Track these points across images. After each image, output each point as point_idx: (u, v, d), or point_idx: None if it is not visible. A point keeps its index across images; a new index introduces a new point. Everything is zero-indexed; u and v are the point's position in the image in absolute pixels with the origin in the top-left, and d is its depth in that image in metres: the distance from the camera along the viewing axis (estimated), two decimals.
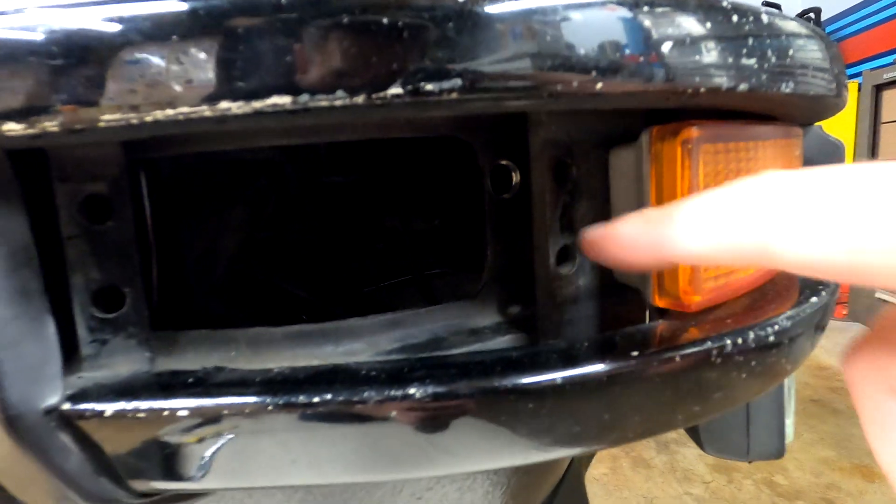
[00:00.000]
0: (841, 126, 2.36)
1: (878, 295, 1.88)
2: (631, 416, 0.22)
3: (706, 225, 0.16)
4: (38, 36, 0.17)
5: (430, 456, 0.21)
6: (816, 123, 0.45)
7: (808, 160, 0.45)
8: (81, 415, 0.20)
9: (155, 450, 0.21)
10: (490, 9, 0.18)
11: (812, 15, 2.73)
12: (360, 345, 0.28)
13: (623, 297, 0.30)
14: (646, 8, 0.19)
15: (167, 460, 0.20)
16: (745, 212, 0.15)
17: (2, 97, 0.17)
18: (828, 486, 1.42)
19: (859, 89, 2.21)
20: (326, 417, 0.20)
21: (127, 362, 0.26)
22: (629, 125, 0.28)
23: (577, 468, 0.64)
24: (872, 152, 2.09)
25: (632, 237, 0.18)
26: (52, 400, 0.20)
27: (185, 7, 0.17)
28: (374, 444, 0.20)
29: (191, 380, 0.22)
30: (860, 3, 2.75)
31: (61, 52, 0.17)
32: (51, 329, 0.21)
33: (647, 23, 0.19)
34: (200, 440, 0.20)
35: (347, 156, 0.59)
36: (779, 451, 0.48)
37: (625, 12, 0.19)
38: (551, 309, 0.28)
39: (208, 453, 0.20)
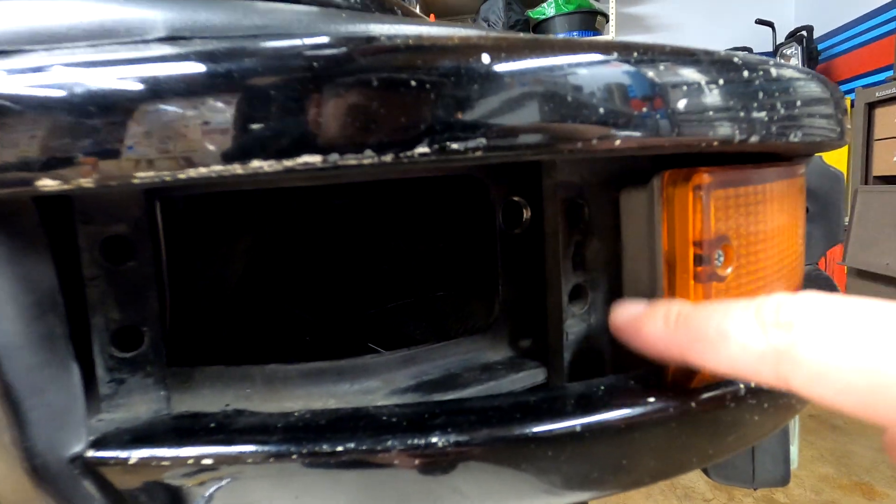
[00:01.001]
0: None
1: None
2: (647, 460, 0.22)
3: (726, 349, 0.16)
4: (75, 95, 0.18)
5: (451, 501, 0.21)
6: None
7: (810, 191, 0.46)
8: (105, 462, 0.20)
9: (177, 496, 0.21)
10: (511, 71, 0.18)
11: (804, 33, 2.77)
12: (376, 382, 0.28)
13: None
14: (662, 68, 0.20)
15: None
16: (767, 343, 0.16)
17: (39, 155, 0.17)
18: (828, 503, 1.41)
19: (852, 106, 2.24)
20: (348, 465, 0.20)
21: (144, 401, 0.26)
22: (639, 167, 0.29)
23: None
24: (866, 168, 2.11)
25: (655, 338, 0.19)
26: (76, 447, 0.20)
27: (218, 69, 0.17)
28: (395, 489, 0.20)
29: (212, 424, 0.22)
30: (852, 22, 2.80)
31: (98, 111, 0.17)
32: (76, 374, 0.21)
33: (663, 82, 0.19)
34: (221, 487, 0.21)
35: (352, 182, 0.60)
36: (784, 479, 0.48)
37: (642, 73, 0.19)
38: (563, 345, 0.29)
39: (230, 500, 0.20)
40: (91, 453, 0.20)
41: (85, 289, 0.25)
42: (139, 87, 0.17)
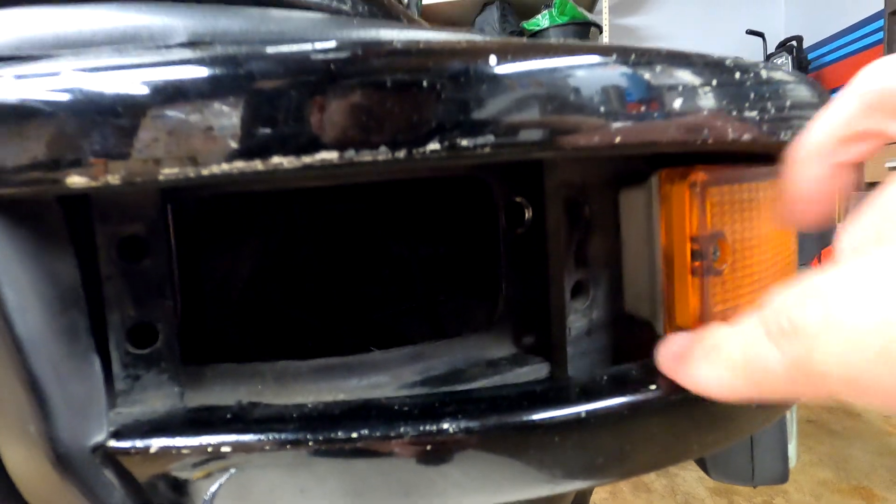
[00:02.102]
0: None
1: None
2: (649, 447, 0.23)
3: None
4: (103, 96, 0.18)
5: (460, 486, 0.22)
6: None
7: None
8: (126, 451, 0.21)
9: (194, 484, 0.21)
10: (517, 72, 0.19)
11: (794, 43, 2.82)
12: (384, 378, 0.29)
13: (633, 327, 0.31)
14: (659, 69, 0.21)
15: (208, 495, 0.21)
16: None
17: (69, 151, 0.18)
18: None
19: None
20: (362, 451, 0.21)
21: (159, 397, 0.26)
22: (637, 166, 0.30)
23: (583, 494, 0.65)
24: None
25: (716, 383, 0.19)
26: (98, 437, 0.21)
27: (241, 71, 0.18)
28: (407, 473, 0.21)
29: (228, 415, 0.23)
30: (840, 32, 2.86)
31: (125, 111, 0.18)
32: (97, 366, 0.22)
33: (661, 84, 0.21)
34: (238, 475, 0.21)
35: (355, 188, 0.61)
36: (782, 476, 0.49)
37: (642, 75, 0.20)
38: (566, 340, 0.30)
39: (247, 487, 0.21)
40: (112, 443, 0.21)
41: (102, 286, 0.26)
42: (164, 88, 0.18)
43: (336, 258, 0.65)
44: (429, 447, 0.20)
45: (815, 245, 0.50)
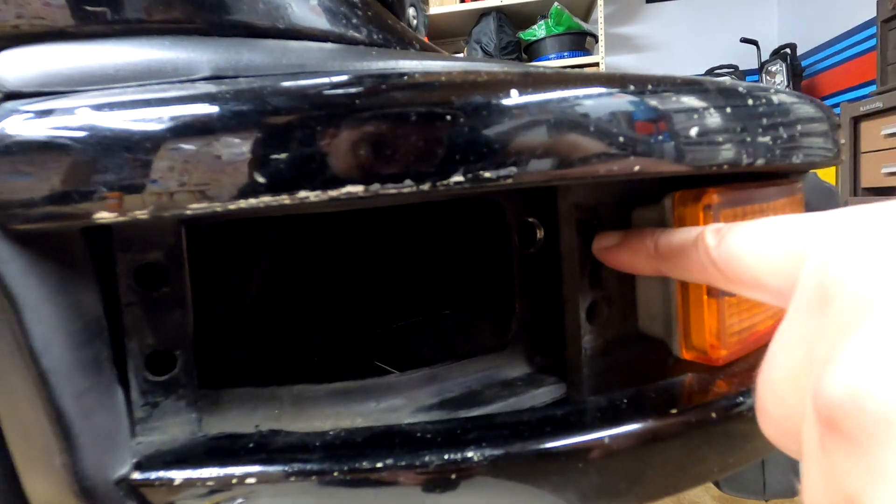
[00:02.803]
0: None
1: None
2: (671, 470, 0.23)
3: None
4: (132, 132, 0.19)
5: None
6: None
7: (807, 205, 0.48)
8: (151, 483, 0.21)
9: None
10: (538, 104, 0.20)
11: (788, 50, 2.85)
12: (401, 401, 0.29)
13: (646, 347, 0.32)
14: (673, 99, 0.21)
15: None
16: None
17: (98, 187, 0.18)
18: None
19: None
20: (387, 481, 0.21)
21: (177, 423, 0.26)
22: (648, 188, 0.30)
23: None
24: (854, 181, 2.16)
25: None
26: (122, 469, 0.21)
27: (267, 107, 0.19)
28: (433, 502, 0.21)
29: (250, 444, 0.23)
30: (833, 39, 2.89)
31: (155, 147, 0.19)
32: (120, 397, 0.22)
33: (678, 113, 0.21)
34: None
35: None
36: (793, 489, 0.49)
37: (659, 106, 0.21)
38: (582, 360, 0.30)
39: None
40: (136, 475, 0.21)
41: (121, 315, 0.26)
42: (193, 125, 0.19)
43: (341, 274, 0.65)
44: (453, 476, 0.20)
45: None
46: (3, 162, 0.19)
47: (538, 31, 2.85)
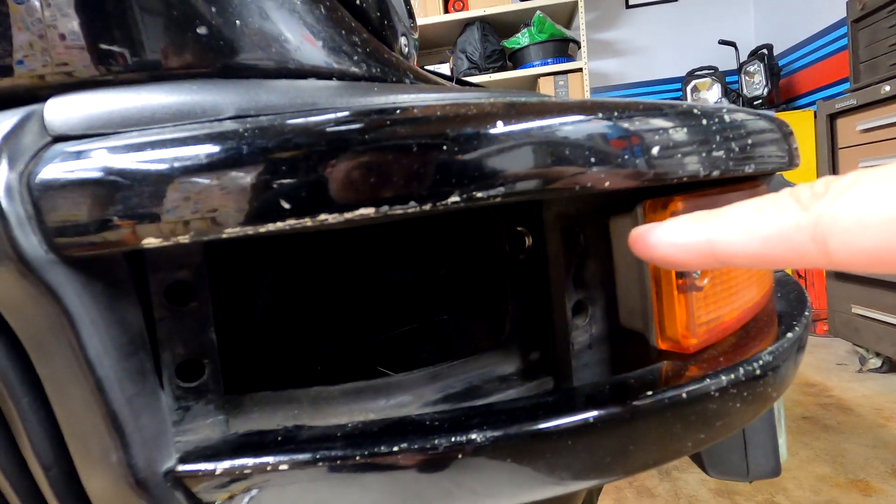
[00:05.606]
0: (804, 151, 2.52)
1: (854, 311, 1.97)
2: (650, 446, 0.26)
3: (760, 228, 0.17)
4: (173, 167, 0.22)
5: (489, 487, 0.25)
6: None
7: None
8: (194, 474, 0.24)
9: (255, 501, 0.24)
10: (521, 132, 0.23)
11: (765, 51, 2.93)
12: (408, 397, 0.32)
13: (628, 340, 0.35)
14: (637, 122, 0.25)
15: None
16: (803, 213, 0.15)
17: (144, 218, 0.21)
18: (827, 503, 1.45)
19: (815, 118, 2.37)
20: (403, 463, 0.24)
21: (207, 425, 0.29)
22: (624, 197, 0.34)
23: (590, 499, 0.67)
24: (833, 174, 2.23)
25: (678, 241, 0.19)
26: (169, 463, 0.24)
27: (291, 143, 0.22)
28: (442, 479, 0.24)
29: (279, 437, 0.26)
30: (808, 38, 2.98)
31: (192, 181, 0.22)
32: (163, 401, 0.25)
33: (641, 135, 0.24)
34: (294, 489, 0.24)
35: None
36: (775, 470, 0.52)
37: (625, 128, 0.24)
38: (570, 355, 0.33)
39: (302, 501, 0.24)
40: (181, 468, 0.24)
41: (156, 328, 0.28)
42: (226, 159, 0.22)
43: (341, 284, 0.68)
44: (460, 455, 0.23)
45: None
46: (58, 197, 0.22)
47: (522, 39, 2.91)
